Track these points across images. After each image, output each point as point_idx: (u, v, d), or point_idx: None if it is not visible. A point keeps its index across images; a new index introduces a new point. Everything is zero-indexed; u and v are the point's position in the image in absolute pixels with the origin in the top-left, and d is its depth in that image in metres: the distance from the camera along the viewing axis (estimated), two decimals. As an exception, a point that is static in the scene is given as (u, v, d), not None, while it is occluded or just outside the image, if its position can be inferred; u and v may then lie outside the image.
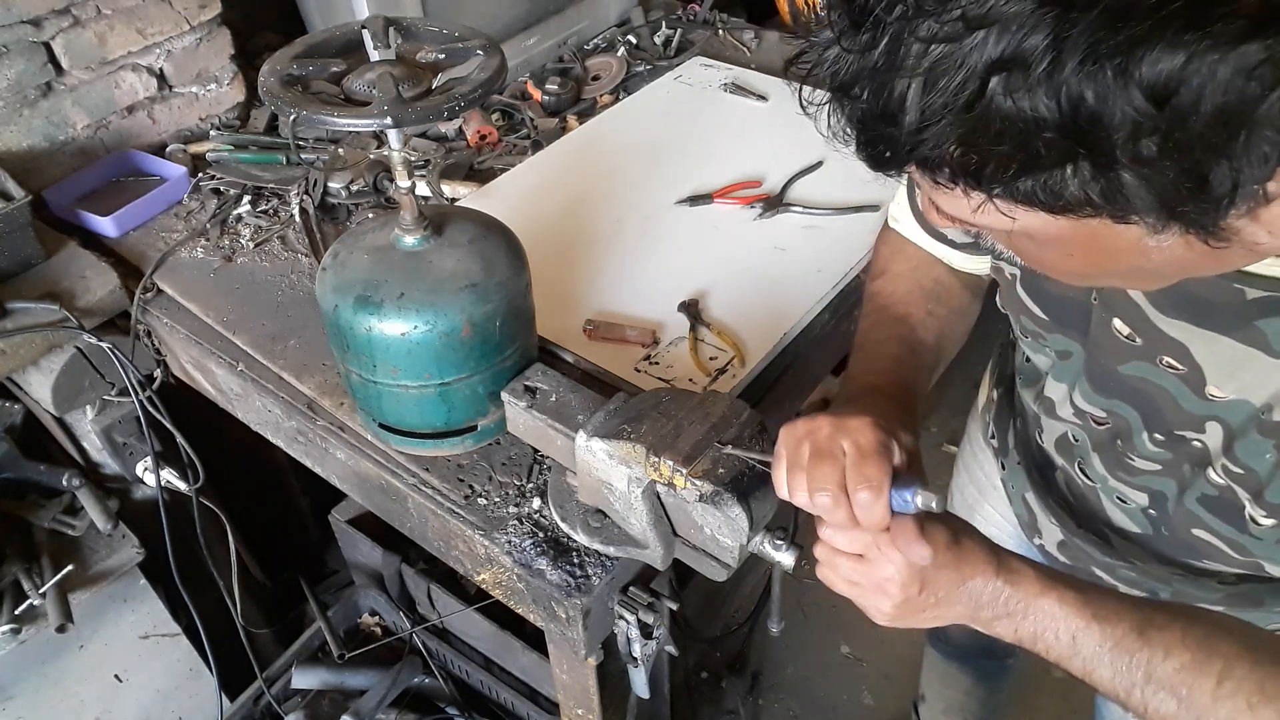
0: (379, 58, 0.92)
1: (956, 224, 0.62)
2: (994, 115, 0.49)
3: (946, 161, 0.52)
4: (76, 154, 1.54)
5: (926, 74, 0.50)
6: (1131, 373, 0.79)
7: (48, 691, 1.53)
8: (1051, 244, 0.59)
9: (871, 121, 0.54)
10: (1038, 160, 0.50)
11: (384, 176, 1.53)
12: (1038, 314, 0.88)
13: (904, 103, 0.51)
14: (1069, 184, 0.51)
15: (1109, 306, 0.78)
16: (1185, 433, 0.79)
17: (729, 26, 2.06)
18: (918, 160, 0.54)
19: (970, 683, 1.69)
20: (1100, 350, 0.82)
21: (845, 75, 0.54)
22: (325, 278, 1.00)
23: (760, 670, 2.16)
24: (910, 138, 0.52)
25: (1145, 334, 0.76)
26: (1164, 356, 0.75)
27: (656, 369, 1.22)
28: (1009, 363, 1.15)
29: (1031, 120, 0.48)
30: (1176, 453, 0.82)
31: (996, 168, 0.51)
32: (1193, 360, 0.73)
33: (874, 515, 0.74)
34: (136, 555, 1.49)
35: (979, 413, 1.27)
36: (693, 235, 1.46)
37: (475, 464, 1.12)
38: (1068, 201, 0.52)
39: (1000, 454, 1.17)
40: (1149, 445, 0.84)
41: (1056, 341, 0.89)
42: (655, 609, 1.05)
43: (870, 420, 0.78)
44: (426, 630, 1.78)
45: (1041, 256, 0.63)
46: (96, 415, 1.47)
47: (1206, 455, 0.79)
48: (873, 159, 0.57)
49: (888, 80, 0.52)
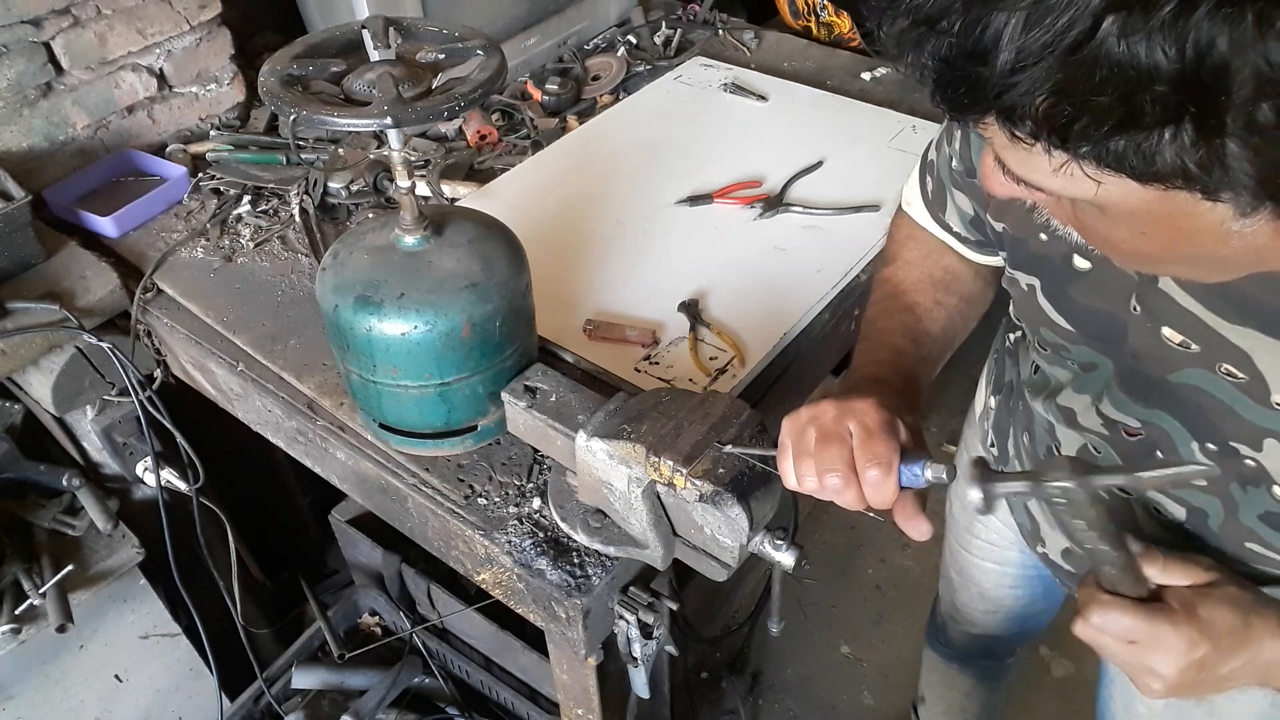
0: (379, 58, 0.92)
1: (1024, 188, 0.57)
2: (1101, 60, 0.44)
3: (1032, 113, 0.48)
4: (76, 154, 1.54)
5: (1030, 8, 0.45)
6: (1184, 381, 0.75)
7: (48, 691, 1.53)
8: (1125, 220, 0.55)
9: (958, 59, 0.49)
10: (1138, 118, 0.45)
11: (384, 176, 1.53)
12: (1062, 325, 0.85)
13: (999, 40, 0.47)
14: (1165, 149, 0.46)
15: (1155, 315, 0.74)
16: (1240, 445, 0.74)
17: (729, 26, 2.06)
18: (1002, 108, 0.49)
19: (970, 684, 1.69)
20: (1141, 361, 0.78)
21: (933, 6, 0.49)
22: (325, 278, 1.00)
23: (760, 670, 2.16)
24: (1000, 80, 0.47)
25: (1203, 340, 0.71)
26: (1224, 364, 0.71)
27: (656, 369, 1.22)
28: (1005, 370, 1.13)
29: (1145, 69, 0.44)
30: (1225, 468, 0.77)
31: (1090, 123, 0.47)
32: (1255, 369, 0.69)
33: (884, 493, 0.73)
34: (136, 555, 1.49)
35: (976, 420, 1.25)
36: (693, 235, 1.46)
37: (475, 464, 1.12)
38: (1159, 170, 0.47)
39: (1000, 462, 1.15)
40: (1199, 455, 0.79)
41: (1082, 354, 0.86)
42: (655, 609, 1.05)
43: (874, 400, 0.77)
44: (426, 630, 1.78)
45: (1109, 233, 0.59)
46: (96, 415, 1.47)
47: (1261, 474, 0.75)
48: (951, 103, 0.52)
49: (984, 14, 0.47)
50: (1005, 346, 1.13)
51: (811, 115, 1.73)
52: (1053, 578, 1.14)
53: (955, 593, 1.46)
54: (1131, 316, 0.77)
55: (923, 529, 0.72)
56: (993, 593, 1.38)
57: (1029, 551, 1.15)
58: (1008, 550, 1.29)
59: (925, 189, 1.01)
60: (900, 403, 0.82)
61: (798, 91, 1.80)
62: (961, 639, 1.57)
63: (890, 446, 0.74)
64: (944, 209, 0.99)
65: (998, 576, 1.34)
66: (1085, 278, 0.80)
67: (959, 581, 1.43)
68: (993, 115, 0.51)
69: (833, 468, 0.75)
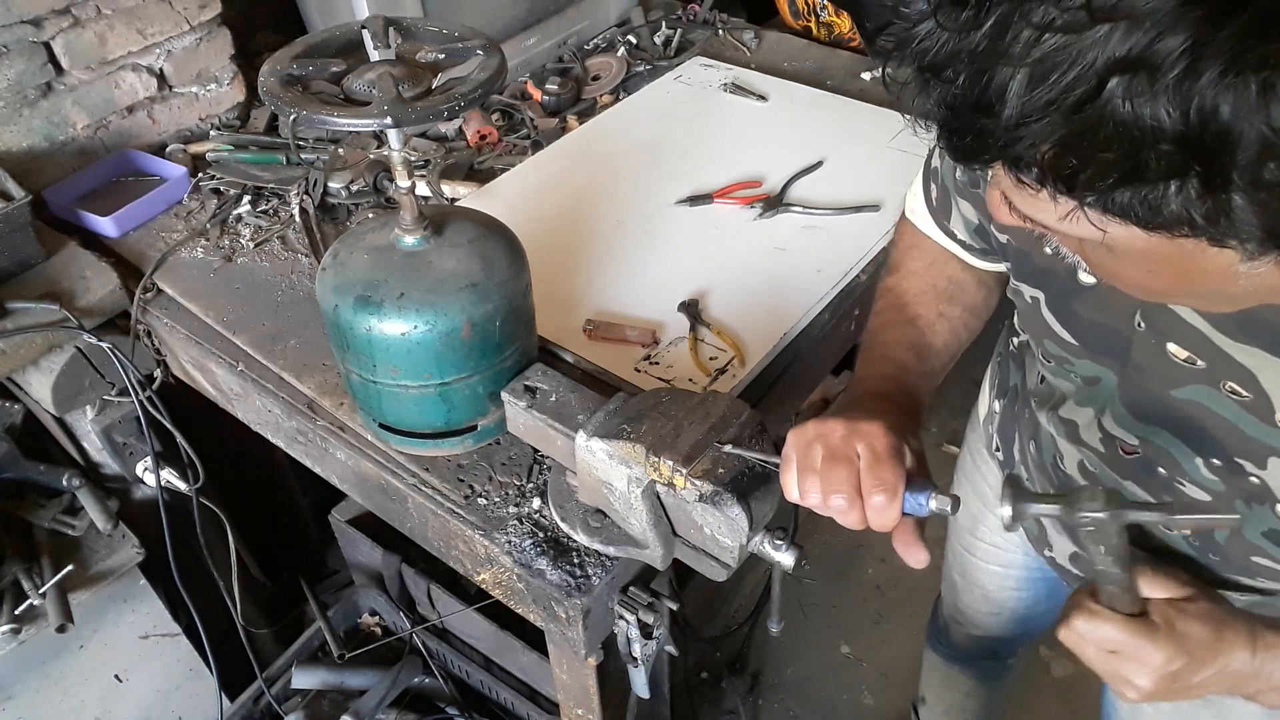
0: (379, 58, 0.92)
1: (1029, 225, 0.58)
2: (1106, 119, 0.45)
3: (1039, 162, 0.48)
4: (76, 154, 1.54)
5: (1035, 65, 0.46)
6: (1187, 397, 0.75)
7: (48, 691, 1.53)
8: (1133, 259, 0.56)
9: (963, 109, 0.50)
10: (1143, 172, 0.46)
11: (384, 176, 1.53)
12: (1066, 339, 0.85)
13: (1004, 93, 0.47)
14: (1171, 201, 0.47)
15: (1160, 332, 0.74)
16: (1244, 462, 0.75)
17: (729, 26, 2.06)
18: (1007, 157, 0.50)
19: (971, 684, 1.69)
20: (1145, 375, 0.78)
21: (939, 55, 0.49)
22: (325, 278, 1.00)
23: (760, 670, 2.15)
24: (1006, 133, 0.48)
25: (1209, 357, 0.72)
26: (1228, 382, 0.71)
27: (656, 369, 1.22)
28: (1009, 374, 1.12)
29: (1149, 129, 0.44)
30: (1229, 485, 0.78)
31: (1094, 175, 0.47)
32: (1260, 387, 0.69)
33: (886, 518, 0.74)
34: (136, 555, 1.49)
35: (980, 423, 1.25)
36: (693, 235, 1.46)
37: (475, 464, 1.12)
38: (1165, 219, 0.48)
39: (1006, 467, 1.15)
40: (1204, 471, 0.79)
41: (1085, 368, 0.85)
42: (655, 609, 1.04)
43: (883, 425, 0.77)
44: (426, 630, 1.78)
45: (1118, 269, 0.59)
46: (96, 415, 1.47)
47: (1265, 491, 0.75)
48: (957, 150, 0.53)
49: (989, 66, 0.47)
50: (1009, 350, 1.13)
51: (811, 115, 1.73)
52: (1057, 579, 1.14)
53: (958, 595, 1.46)
54: (1136, 332, 0.77)
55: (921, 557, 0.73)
56: (996, 595, 1.38)
57: (1033, 554, 1.15)
58: (1012, 553, 1.29)
59: (929, 196, 1.00)
60: (905, 423, 0.82)
61: (798, 91, 1.80)
62: (964, 640, 1.57)
63: (897, 474, 0.75)
64: (949, 217, 0.98)
65: (1001, 579, 1.34)
66: (1090, 293, 0.80)
67: (962, 584, 1.43)
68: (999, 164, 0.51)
69: (839, 489, 0.75)
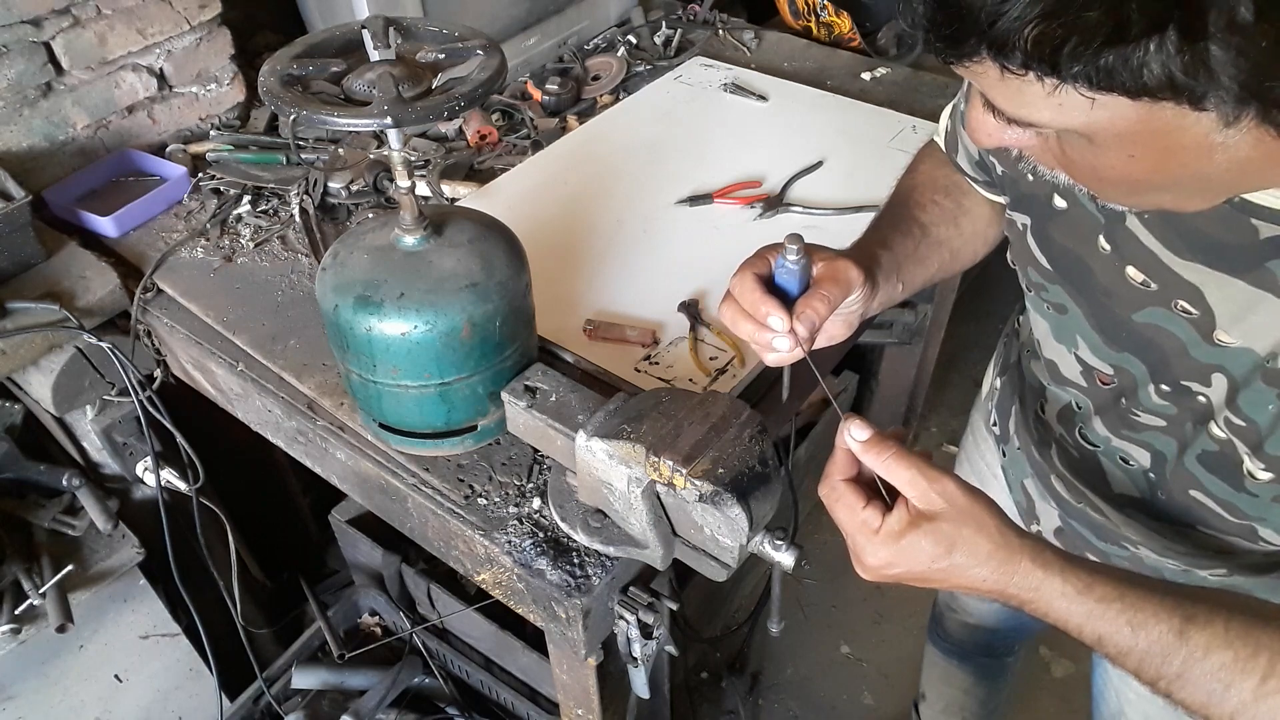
0: (379, 58, 0.92)
1: (1011, 133, 0.61)
2: None
3: (1022, 43, 0.51)
4: (76, 154, 1.54)
5: None
6: (1146, 320, 0.79)
7: (48, 691, 1.53)
8: (1113, 145, 0.58)
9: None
10: (1125, 30, 0.49)
11: (384, 176, 1.53)
12: (1043, 264, 0.89)
13: None
14: (1152, 61, 0.50)
15: (1121, 254, 0.78)
16: (1191, 384, 0.79)
17: (729, 26, 2.06)
18: (993, 39, 0.52)
19: (970, 681, 1.70)
20: (1112, 300, 0.82)
21: None
22: (325, 278, 1.00)
23: (760, 670, 2.16)
24: (990, 9, 0.50)
25: (1160, 278, 0.76)
26: (1179, 300, 0.75)
27: (656, 369, 1.22)
28: (1011, 351, 1.16)
29: None
30: (1180, 407, 0.82)
31: (1079, 42, 0.50)
32: (1205, 304, 0.73)
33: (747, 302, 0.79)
34: (136, 555, 1.49)
35: (981, 403, 1.29)
36: (693, 235, 1.46)
37: (475, 464, 1.12)
38: (1147, 83, 0.51)
39: (1001, 440, 1.19)
40: (1154, 398, 0.84)
41: (1055, 294, 0.89)
42: (655, 609, 1.05)
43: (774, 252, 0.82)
44: (426, 630, 1.78)
45: (1097, 162, 0.62)
46: (96, 415, 1.47)
47: (1209, 410, 0.79)
48: (945, 40, 0.55)
49: None
50: (1014, 328, 1.17)
51: (811, 115, 1.73)
52: None
53: None
54: (1099, 256, 0.81)
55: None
56: None
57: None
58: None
59: (947, 131, 1.05)
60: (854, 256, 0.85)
61: (798, 91, 1.80)
62: (959, 630, 1.57)
63: (752, 264, 0.81)
64: (957, 151, 1.03)
65: None
66: (1062, 216, 0.84)
67: None
68: (984, 51, 0.54)
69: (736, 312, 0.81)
